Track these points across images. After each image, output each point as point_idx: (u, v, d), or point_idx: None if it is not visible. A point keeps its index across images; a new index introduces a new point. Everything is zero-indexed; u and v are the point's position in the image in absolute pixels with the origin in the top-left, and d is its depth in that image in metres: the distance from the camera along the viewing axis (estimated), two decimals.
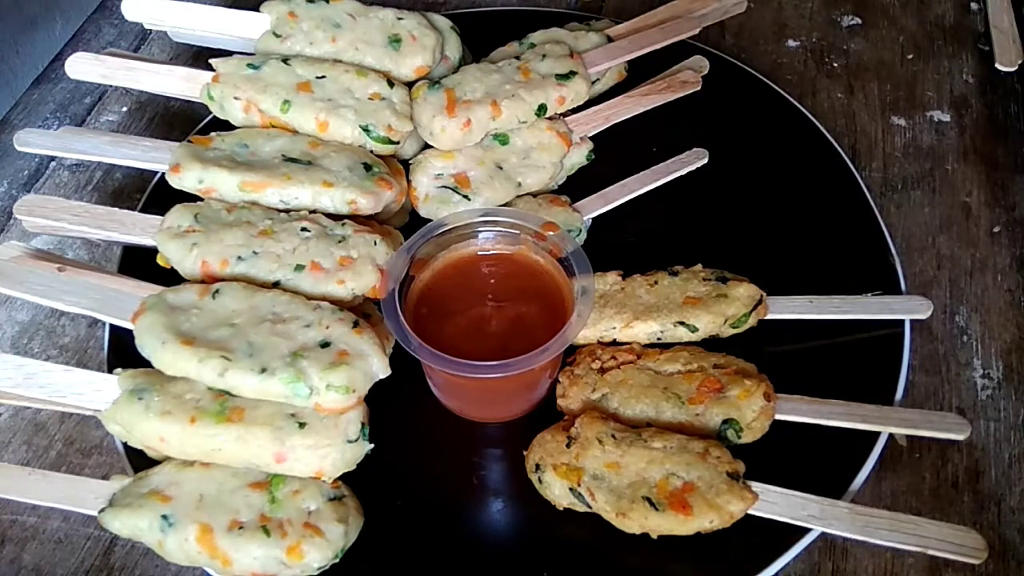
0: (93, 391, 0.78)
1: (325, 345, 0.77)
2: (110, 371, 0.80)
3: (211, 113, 0.98)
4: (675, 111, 1.03)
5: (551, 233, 0.87)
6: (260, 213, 0.87)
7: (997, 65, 1.18)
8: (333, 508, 0.75)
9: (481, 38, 1.08)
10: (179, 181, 0.89)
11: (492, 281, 0.88)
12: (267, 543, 0.72)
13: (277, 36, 0.99)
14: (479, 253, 0.90)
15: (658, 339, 0.87)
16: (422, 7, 1.09)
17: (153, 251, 0.88)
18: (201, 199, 0.89)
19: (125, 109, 1.22)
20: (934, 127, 1.14)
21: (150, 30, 1.31)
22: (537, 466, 0.79)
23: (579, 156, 1.02)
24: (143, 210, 0.92)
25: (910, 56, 1.23)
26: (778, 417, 0.80)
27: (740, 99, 1.12)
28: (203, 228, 0.85)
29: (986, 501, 0.83)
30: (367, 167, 0.91)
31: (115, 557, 0.83)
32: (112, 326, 0.88)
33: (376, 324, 0.83)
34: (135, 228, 0.89)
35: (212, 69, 0.96)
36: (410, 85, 0.98)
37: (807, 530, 0.75)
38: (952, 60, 1.22)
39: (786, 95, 1.13)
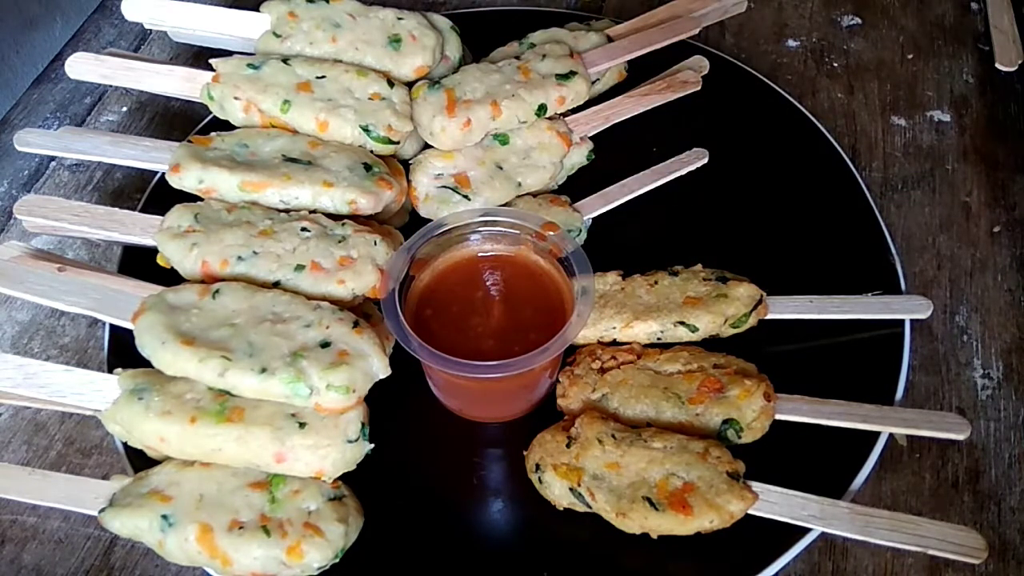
0: (93, 391, 0.78)
1: (325, 345, 0.77)
2: (110, 371, 0.80)
3: (211, 113, 0.98)
4: (675, 111, 1.03)
5: (551, 233, 0.87)
6: (260, 213, 0.87)
7: (997, 65, 1.18)
8: (333, 508, 0.75)
9: (481, 38, 1.08)
10: (179, 181, 0.89)
11: (492, 281, 0.88)
12: (267, 543, 0.72)
13: (277, 36, 0.99)
14: (479, 253, 0.90)
15: (658, 339, 0.87)
16: (422, 7, 1.09)
17: (153, 251, 0.88)
18: (201, 199, 0.89)
19: (125, 109, 1.22)
20: (934, 127, 1.14)
21: (150, 30, 1.31)
22: (537, 466, 0.79)
23: (579, 156, 1.02)
24: (143, 210, 0.92)
25: (910, 56, 1.23)
26: (778, 417, 0.80)
27: (740, 99, 1.12)
28: (203, 228, 0.85)
29: (986, 501, 0.83)
30: (367, 167, 0.91)
31: (115, 557, 0.83)
32: (112, 326, 0.88)
33: (376, 324, 0.83)
34: (135, 228, 0.89)
35: (212, 69, 0.96)
36: (410, 85, 0.98)
37: (807, 530, 0.75)
38: (952, 60, 1.22)
39: (786, 95, 1.12)
